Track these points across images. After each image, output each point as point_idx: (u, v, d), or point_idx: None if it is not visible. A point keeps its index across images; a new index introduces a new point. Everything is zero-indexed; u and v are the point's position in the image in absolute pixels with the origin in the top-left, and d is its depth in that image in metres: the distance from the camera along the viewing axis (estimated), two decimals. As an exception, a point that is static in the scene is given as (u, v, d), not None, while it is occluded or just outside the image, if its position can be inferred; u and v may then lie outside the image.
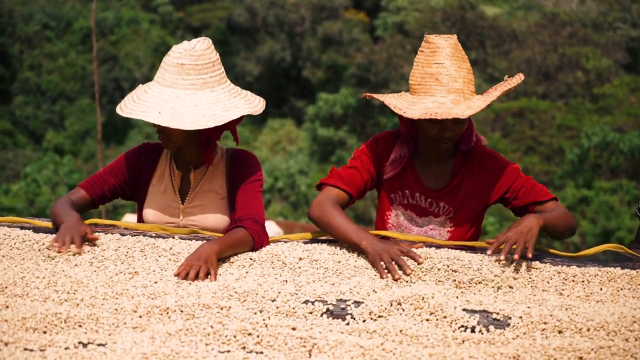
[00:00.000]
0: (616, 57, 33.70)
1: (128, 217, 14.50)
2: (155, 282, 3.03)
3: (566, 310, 2.86)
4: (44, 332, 2.60)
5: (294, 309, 2.84)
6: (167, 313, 2.76)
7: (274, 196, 29.34)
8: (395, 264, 3.17)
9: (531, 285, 3.17)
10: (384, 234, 3.50)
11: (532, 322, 2.75)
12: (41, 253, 3.26)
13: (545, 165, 26.88)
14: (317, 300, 2.88)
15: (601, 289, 3.15)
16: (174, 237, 3.43)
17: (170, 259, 3.25)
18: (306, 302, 2.88)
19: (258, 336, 2.56)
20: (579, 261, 3.34)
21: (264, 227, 3.41)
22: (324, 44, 39.83)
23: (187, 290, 2.92)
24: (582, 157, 24.82)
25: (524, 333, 2.73)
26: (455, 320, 2.79)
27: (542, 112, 28.34)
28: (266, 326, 2.60)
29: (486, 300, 2.93)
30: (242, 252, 3.32)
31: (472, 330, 2.76)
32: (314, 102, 35.31)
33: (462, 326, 2.78)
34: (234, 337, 2.55)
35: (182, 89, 3.38)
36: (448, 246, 3.40)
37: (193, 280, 3.05)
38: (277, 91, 40.17)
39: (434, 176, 3.57)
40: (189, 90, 3.38)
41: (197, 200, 3.56)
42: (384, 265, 3.17)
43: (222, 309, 2.78)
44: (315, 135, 34.07)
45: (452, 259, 3.21)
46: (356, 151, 3.59)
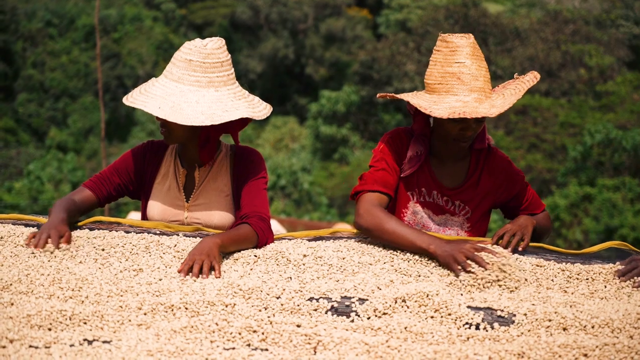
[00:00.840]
0: (619, 55, 33.62)
1: (132, 215, 14.48)
2: (160, 280, 3.03)
3: (571, 307, 2.86)
4: (49, 329, 2.60)
5: (298, 306, 2.85)
6: (172, 310, 2.76)
7: (276, 194, 29.31)
8: (470, 262, 3.13)
9: (536, 283, 3.17)
10: (441, 236, 3.38)
11: (536, 319, 2.76)
12: (43, 251, 3.25)
13: (548, 163, 26.83)
14: (321, 298, 2.88)
15: (605, 287, 3.15)
16: (178, 235, 3.43)
17: (174, 257, 3.26)
18: (311, 299, 2.88)
19: (263, 333, 2.56)
20: (583, 258, 3.34)
21: (269, 225, 3.40)
22: (326, 41, 39.78)
23: (192, 288, 2.92)
24: (585, 154, 24.76)
25: (529, 330, 2.73)
26: (459, 318, 2.79)
27: (545, 109, 28.28)
28: (271, 323, 2.61)
29: (490, 298, 2.93)
30: (245, 249, 3.32)
31: (477, 328, 2.77)
32: (316, 100, 35.27)
33: (467, 323, 2.78)
34: (239, 334, 2.56)
35: (187, 85, 3.38)
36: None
37: (197, 276, 3.05)
38: (280, 88, 40.15)
39: (450, 174, 3.58)
40: (193, 87, 3.38)
41: (201, 197, 3.56)
42: (460, 267, 3.13)
43: (226, 306, 2.78)
44: (318, 133, 34.05)
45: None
46: (376, 152, 3.55)
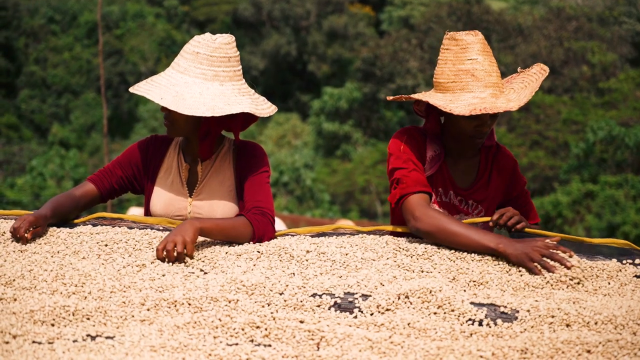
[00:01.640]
0: (622, 52, 33.59)
1: (133, 211, 14.47)
2: (163, 275, 3.03)
3: (574, 303, 2.85)
4: (52, 325, 2.61)
5: (301, 302, 2.84)
6: (175, 306, 2.76)
7: (279, 190, 29.32)
8: (547, 259, 3.10)
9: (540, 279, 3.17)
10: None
11: (539, 315, 2.75)
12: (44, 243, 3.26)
13: (551, 160, 26.82)
14: (324, 294, 2.88)
15: (609, 283, 3.14)
16: (181, 230, 3.43)
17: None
18: (314, 295, 2.88)
19: (266, 329, 2.56)
20: (587, 254, 3.34)
21: (271, 218, 3.40)
22: (329, 38, 39.75)
23: (195, 284, 2.92)
24: (587, 151, 24.74)
25: (532, 326, 2.73)
26: (463, 314, 2.79)
27: (547, 106, 28.25)
28: (274, 319, 2.60)
29: (494, 294, 2.93)
30: (238, 241, 3.31)
31: (480, 324, 2.76)
32: (319, 96, 35.29)
33: (470, 319, 2.77)
34: (242, 330, 2.56)
35: (192, 77, 3.39)
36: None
37: (163, 260, 3.12)
38: (283, 85, 40.15)
39: (462, 173, 3.57)
40: (198, 79, 3.38)
41: (204, 192, 3.56)
42: (537, 265, 3.09)
43: (230, 302, 2.78)
44: (321, 130, 34.07)
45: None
46: (398, 153, 3.45)
